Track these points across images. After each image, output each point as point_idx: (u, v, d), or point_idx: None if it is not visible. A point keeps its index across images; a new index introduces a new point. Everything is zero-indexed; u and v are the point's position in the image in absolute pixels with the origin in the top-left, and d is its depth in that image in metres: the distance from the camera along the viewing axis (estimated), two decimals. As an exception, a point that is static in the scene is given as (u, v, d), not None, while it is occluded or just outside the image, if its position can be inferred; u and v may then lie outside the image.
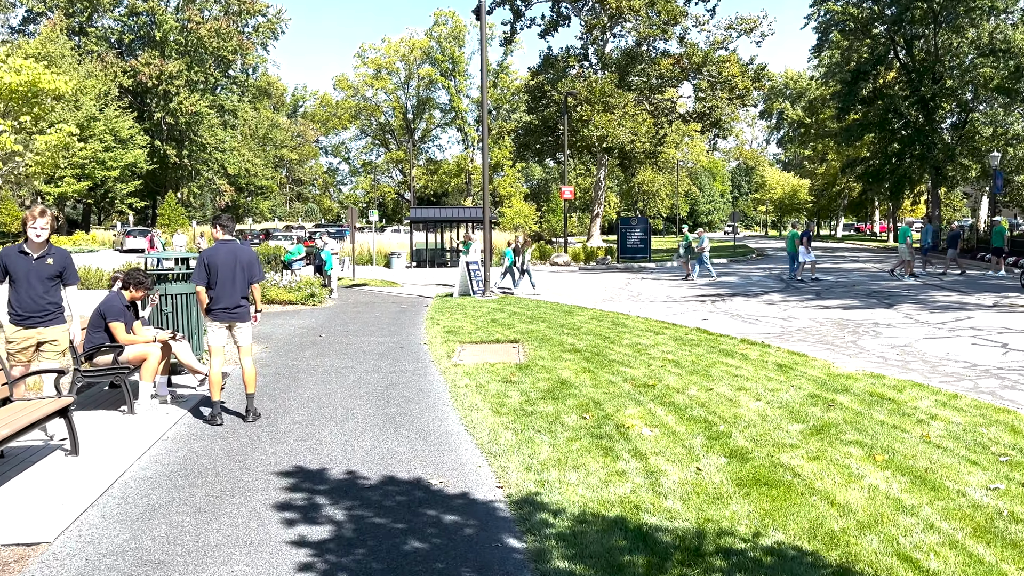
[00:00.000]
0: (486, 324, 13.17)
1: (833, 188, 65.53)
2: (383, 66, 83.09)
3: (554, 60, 52.29)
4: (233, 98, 68.63)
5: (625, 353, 9.85)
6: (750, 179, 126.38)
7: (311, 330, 12.94)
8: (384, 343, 11.38)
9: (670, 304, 16.99)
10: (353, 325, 13.63)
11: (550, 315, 14.32)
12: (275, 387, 8.25)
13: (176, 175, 64.00)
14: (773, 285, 21.09)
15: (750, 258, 36.84)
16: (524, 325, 12.85)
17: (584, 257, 34.92)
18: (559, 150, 54.00)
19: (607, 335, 11.49)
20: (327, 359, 9.96)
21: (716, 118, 53.74)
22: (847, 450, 5.49)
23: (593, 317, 13.88)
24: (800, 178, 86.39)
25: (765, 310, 15.44)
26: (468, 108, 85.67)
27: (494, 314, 14.67)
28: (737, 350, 9.99)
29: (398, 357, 10.10)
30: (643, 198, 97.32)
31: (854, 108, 42.45)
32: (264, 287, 16.79)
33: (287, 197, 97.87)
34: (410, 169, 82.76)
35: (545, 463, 5.21)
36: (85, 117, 50.45)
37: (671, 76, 52.41)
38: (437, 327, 12.93)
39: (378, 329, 13.05)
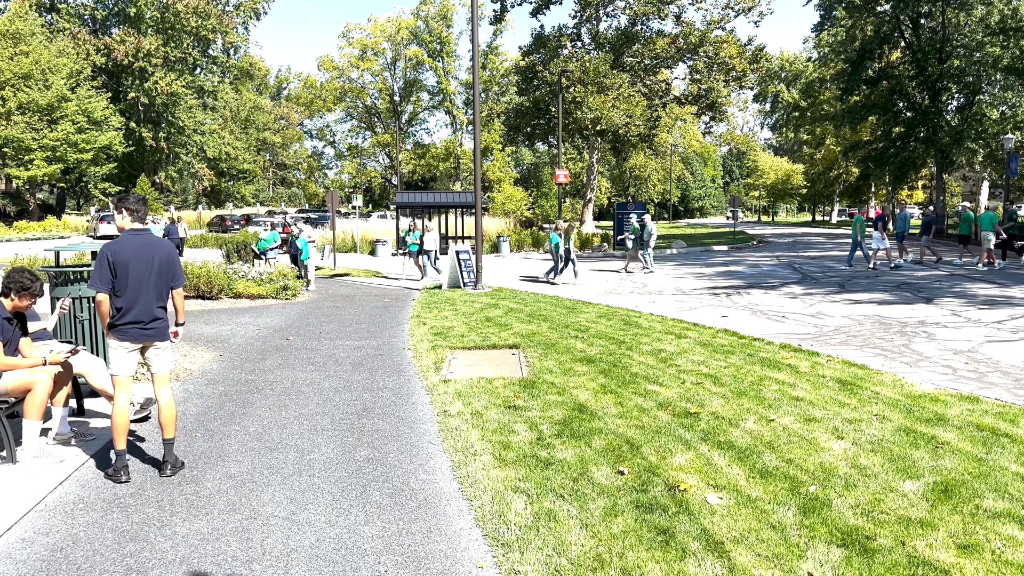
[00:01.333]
0: (480, 323, 11.50)
1: (830, 173, 64.00)
2: (369, 46, 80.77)
3: (546, 39, 50.44)
4: (213, 79, 66.25)
5: (648, 364, 8.20)
6: (741, 164, 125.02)
7: (278, 331, 11.22)
8: (361, 348, 9.69)
9: (681, 298, 15.37)
10: (328, 324, 11.92)
11: (551, 312, 12.66)
12: (216, 415, 6.54)
13: (153, 158, 61.70)
14: (789, 276, 19.51)
15: (751, 245, 35.30)
16: (523, 325, 11.18)
17: (579, 244, 33.24)
18: (551, 133, 52.21)
19: (621, 338, 9.84)
20: (290, 371, 8.26)
21: (712, 100, 52.15)
22: (1005, 529, 3.87)
23: (600, 315, 12.23)
24: (793, 163, 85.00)
25: (789, 305, 13.83)
26: (456, 90, 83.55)
27: (488, 311, 13.00)
28: (781, 359, 8.36)
29: (376, 368, 8.41)
30: (634, 183, 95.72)
31: (857, 89, 40.82)
32: (229, 279, 15.07)
33: (270, 181, 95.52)
34: (397, 153, 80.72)
35: (579, 564, 3.55)
36: (56, 97, 48.17)
37: (667, 56, 50.75)
38: (424, 327, 11.24)
39: (356, 330, 11.35)
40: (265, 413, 6.51)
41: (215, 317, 12.64)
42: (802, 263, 23.26)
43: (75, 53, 52.03)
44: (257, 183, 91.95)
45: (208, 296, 14.76)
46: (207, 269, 14.67)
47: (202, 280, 14.57)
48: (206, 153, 65.38)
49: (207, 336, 10.70)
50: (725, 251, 31.95)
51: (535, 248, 33.44)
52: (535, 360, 8.52)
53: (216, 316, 12.76)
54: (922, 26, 39.72)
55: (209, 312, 13.27)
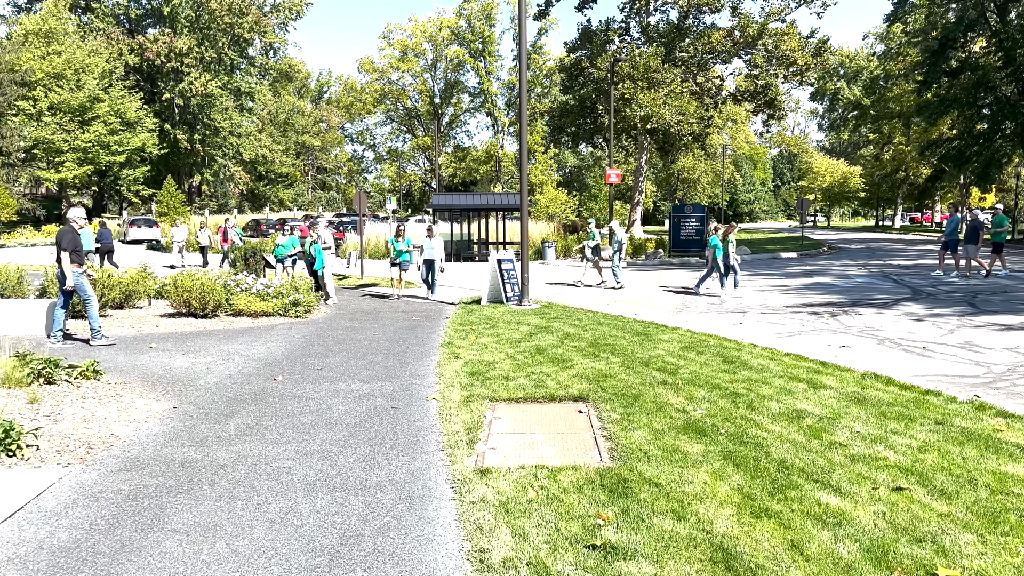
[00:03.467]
0: (529, 356, 8.77)
1: (897, 174, 59.83)
2: (410, 47, 78.81)
3: (592, 34, 47.68)
4: (251, 80, 64.78)
5: (793, 441, 5.39)
6: (793, 166, 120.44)
7: (268, 366, 8.63)
8: (369, 398, 7.04)
9: (774, 319, 12.44)
10: (335, 355, 9.31)
11: (619, 339, 9.87)
12: (93, 551, 3.92)
13: (189, 161, 60.34)
14: (894, 290, 16.40)
15: (822, 252, 31.97)
16: (587, 361, 8.42)
17: (631, 250, 30.35)
18: (596, 133, 49.38)
19: (730, 386, 7.03)
20: (256, 443, 5.63)
21: (771, 97, 48.93)
22: None
23: (685, 345, 9.40)
24: (850, 165, 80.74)
25: (921, 331, 10.82)
26: (498, 91, 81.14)
27: (538, 336, 10.26)
28: (994, 433, 5.48)
29: (382, 439, 5.74)
30: (682, 186, 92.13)
31: (938, 81, 37.16)
32: (229, 292, 12.60)
33: (309, 185, 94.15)
34: (436, 156, 78.49)
35: None
36: (88, 98, 46.85)
37: (722, 51, 47.62)
38: (456, 362, 8.55)
39: (369, 364, 8.71)
40: (176, 549, 3.85)
41: (199, 343, 10.13)
42: (898, 273, 20.06)
43: (108, 53, 50.76)
44: (297, 187, 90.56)
45: (201, 314, 12.30)
46: (200, 282, 12.21)
47: (193, 295, 12.11)
48: (242, 156, 63.89)
49: (175, 373, 8.17)
50: (795, 258, 28.77)
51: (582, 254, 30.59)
52: (615, 427, 5.76)
53: (201, 341, 10.25)
54: (1010, 12, 35.96)
55: (196, 336, 10.78)
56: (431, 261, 15.81)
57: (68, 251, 9.57)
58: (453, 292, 17.31)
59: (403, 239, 16.17)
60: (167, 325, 11.68)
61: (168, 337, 10.61)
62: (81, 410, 6.39)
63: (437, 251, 15.81)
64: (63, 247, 9.57)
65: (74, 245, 9.63)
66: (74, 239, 9.66)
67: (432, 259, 15.80)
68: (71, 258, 9.60)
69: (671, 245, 30.59)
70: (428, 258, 15.80)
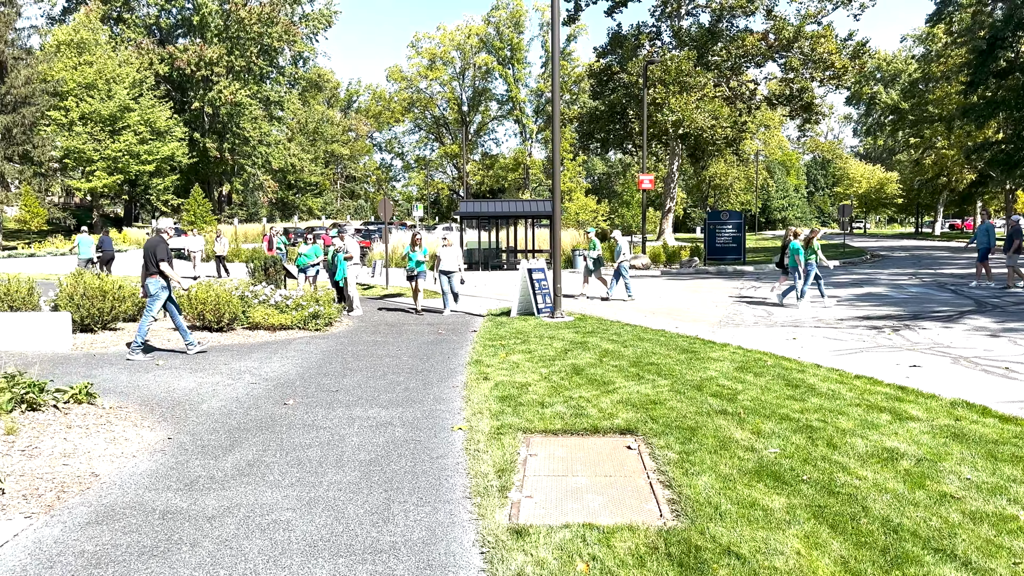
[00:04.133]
0: (566, 377, 7.91)
1: (939, 179, 57.94)
2: (438, 56, 78.52)
3: (623, 39, 46.83)
4: (280, 90, 64.80)
5: (892, 488, 4.47)
6: (827, 172, 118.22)
7: (280, 387, 7.87)
8: (387, 427, 6.23)
9: (830, 334, 11.44)
10: (354, 374, 8.53)
11: (663, 356, 8.97)
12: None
13: (218, 170, 60.42)
14: (955, 300, 15.26)
15: (865, 260, 30.68)
16: (632, 384, 7.53)
17: (665, 258, 29.34)
18: (626, 139, 48.46)
19: (801, 417, 6.11)
20: (252, 488, 4.84)
21: (807, 101, 47.69)
22: None
23: (739, 365, 8.48)
24: (887, 170, 78.83)
25: (999, 349, 9.76)
26: (526, 98, 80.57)
27: (575, 353, 9.40)
28: None
29: (399, 483, 4.91)
30: (713, 193, 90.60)
31: (985, 82, 35.69)
32: (246, 304, 11.92)
33: (338, 194, 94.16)
34: (464, 163, 77.95)
35: None
36: (118, 107, 46.96)
37: (756, 54, 46.48)
38: (485, 384, 7.72)
39: (390, 384, 7.91)
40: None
41: (209, 360, 9.41)
42: (954, 283, 18.85)
43: (138, 63, 50.94)
44: (325, 196, 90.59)
45: (216, 328, 11.62)
46: (215, 293, 11.52)
47: (208, 307, 11.42)
48: (271, 165, 63.88)
49: (177, 395, 7.43)
50: (837, 266, 27.53)
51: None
52: (674, 470, 4.87)
53: (212, 358, 9.53)
54: (1062, 9, 34.42)
55: (209, 350, 10.07)
56: (449, 272, 14.62)
57: (165, 260, 9.45)
58: (481, 303, 16.51)
59: (419, 248, 14.88)
60: (179, 340, 11.00)
61: (178, 353, 9.91)
62: (63, 442, 5.66)
63: (454, 261, 14.65)
64: (159, 258, 9.41)
65: (167, 255, 9.52)
66: (167, 249, 9.56)
67: (450, 271, 14.60)
68: (160, 268, 9.45)
69: (707, 253, 29.53)
70: (444, 269, 14.59)
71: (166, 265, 9.48)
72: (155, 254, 9.47)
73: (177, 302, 10.04)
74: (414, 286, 14.76)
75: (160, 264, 9.45)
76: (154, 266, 9.46)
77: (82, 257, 21.43)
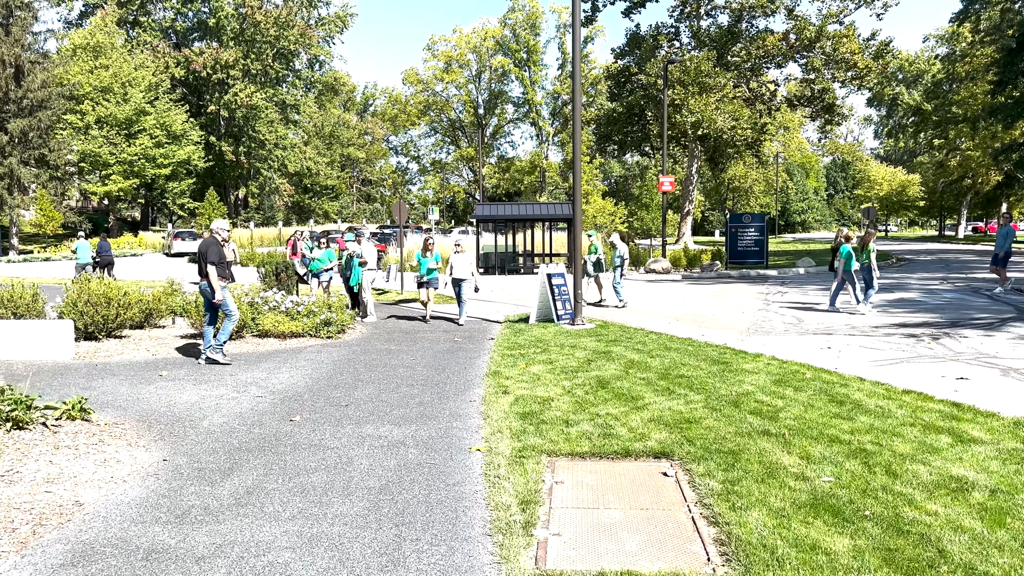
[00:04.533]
0: (591, 392, 7.41)
1: (963, 181, 56.86)
2: (454, 58, 78.27)
3: (641, 39, 46.26)
4: (296, 93, 64.73)
5: (969, 527, 3.94)
6: (847, 175, 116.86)
7: (288, 400, 7.42)
8: (400, 448, 5.75)
9: (865, 341, 10.84)
10: (365, 386, 8.06)
11: (694, 368, 8.45)
12: None
13: (234, 173, 60.37)
14: (995, 307, 14.60)
15: (891, 263, 29.91)
16: (662, 398, 7.02)
17: (686, 262, 28.74)
18: (644, 141, 47.87)
19: (850, 437, 5.58)
20: (251, 518, 4.37)
21: (828, 102, 46.94)
22: None
23: (776, 378, 7.93)
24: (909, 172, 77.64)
25: (1051, 359, 9.16)
26: (543, 101, 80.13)
27: (599, 364, 8.89)
28: None
29: (411, 516, 4.43)
30: (731, 195, 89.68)
31: (1014, 81, 34.83)
32: (256, 311, 11.51)
33: (354, 198, 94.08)
34: (480, 167, 77.60)
35: None
36: (134, 111, 46.97)
37: (776, 54, 45.79)
38: (505, 398, 7.23)
39: (403, 398, 7.43)
40: None
41: (215, 370, 8.98)
42: (988, 287, 18.15)
43: (154, 66, 50.95)
44: (342, 199, 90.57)
45: (224, 335, 11.19)
46: (222, 299, 11.09)
47: (215, 314, 11.00)
48: (287, 168, 63.79)
49: (178, 410, 7.00)
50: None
51: (634, 267, 29.11)
52: (719, 503, 4.35)
53: (219, 369, 9.11)
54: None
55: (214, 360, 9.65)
56: (461, 280, 13.66)
57: (215, 264, 9.11)
58: (498, 308, 16.02)
59: (431, 253, 14.05)
60: (184, 348, 10.60)
61: (182, 363, 9.50)
62: (48, 466, 5.23)
63: (467, 268, 13.72)
64: (209, 260, 9.11)
65: (219, 257, 9.19)
66: (219, 251, 9.24)
67: (462, 278, 13.66)
68: (217, 271, 9.12)
69: (728, 257, 28.89)
70: (457, 277, 13.68)
71: (213, 269, 9.11)
72: (206, 256, 9.16)
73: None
74: (425, 294, 13.90)
75: (208, 267, 9.11)
76: (211, 267, 9.15)
77: (80, 262, 21.16)
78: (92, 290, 10.93)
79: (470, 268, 13.75)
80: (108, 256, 21.13)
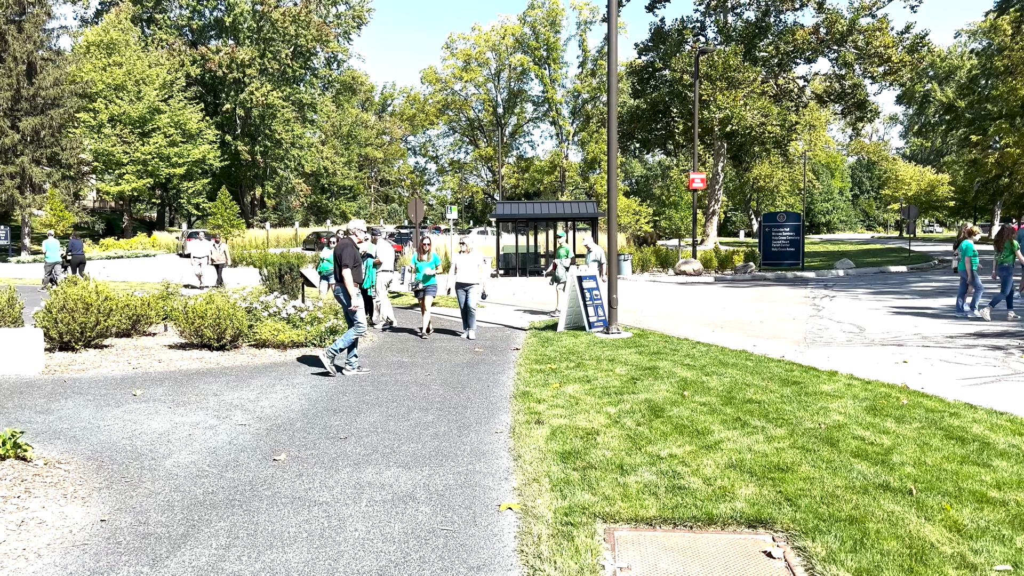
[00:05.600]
0: (643, 419, 6.06)
1: (1000, 180, 54.69)
2: (473, 57, 77.04)
3: (666, 34, 44.83)
4: (313, 92, 63.76)
5: None
6: (872, 175, 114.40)
7: (273, 431, 6.13)
8: (407, 503, 4.44)
9: (944, 354, 9.40)
10: (368, 412, 6.76)
11: (761, 389, 7.07)
12: None
13: (250, 173, 59.48)
14: (1074, 314, 13.09)
15: (934, 265, 28.24)
16: (734, 432, 5.65)
17: (717, 264, 27.26)
18: (668, 139, 46.34)
19: (998, 494, 4.21)
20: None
21: (860, 98, 45.24)
22: None
23: (867, 405, 6.53)
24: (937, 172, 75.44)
25: None
26: (563, 99, 78.70)
27: (644, 381, 7.54)
28: None
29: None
30: (756, 195, 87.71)
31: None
32: (255, 317, 10.28)
33: (372, 198, 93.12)
34: (499, 166, 76.41)
35: None
36: (148, 109, 46.13)
37: (807, 49, 44.16)
38: (538, 431, 5.89)
39: (412, 431, 6.12)
40: None
41: (198, 389, 7.73)
42: (1058, 293, 16.59)
43: (169, 64, 50.12)
44: (360, 200, 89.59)
45: (217, 346, 9.95)
46: (215, 306, 9.86)
47: (207, 322, 9.77)
48: (304, 168, 62.83)
49: (140, 444, 5.73)
50: (906, 272, 25.27)
51: (662, 268, 27.70)
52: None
53: (203, 386, 7.85)
54: None
55: (200, 376, 8.40)
56: (467, 285, 11.56)
57: (350, 267, 8.40)
58: (521, 313, 14.69)
59: (429, 256, 12.10)
60: (172, 360, 9.36)
61: (164, 378, 8.26)
62: (-58, 531, 3.96)
63: (473, 271, 11.58)
64: (344, 263, 8.39)
65: (355, 260, 8.51)
66: (355, 254, 8.58)
67: (468, 283, 11.51)
68: (352, 275, 8.44)
69: (762, 258, 27.39)
70: (462, 281, 11.57)
71: (347, 272, 8.35)
72: (340, 259, 8.42)
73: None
74: (421, 303, 11.98)
75: (343, 270, 8.36)
76: (346, 271, 8.42)
77: (49, 261, 20.07)
78: (71, 295, 9.73)
79: (478, 271, 11.70)
80: (79, 255, 20.03)
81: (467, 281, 11.56)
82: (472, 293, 11.59)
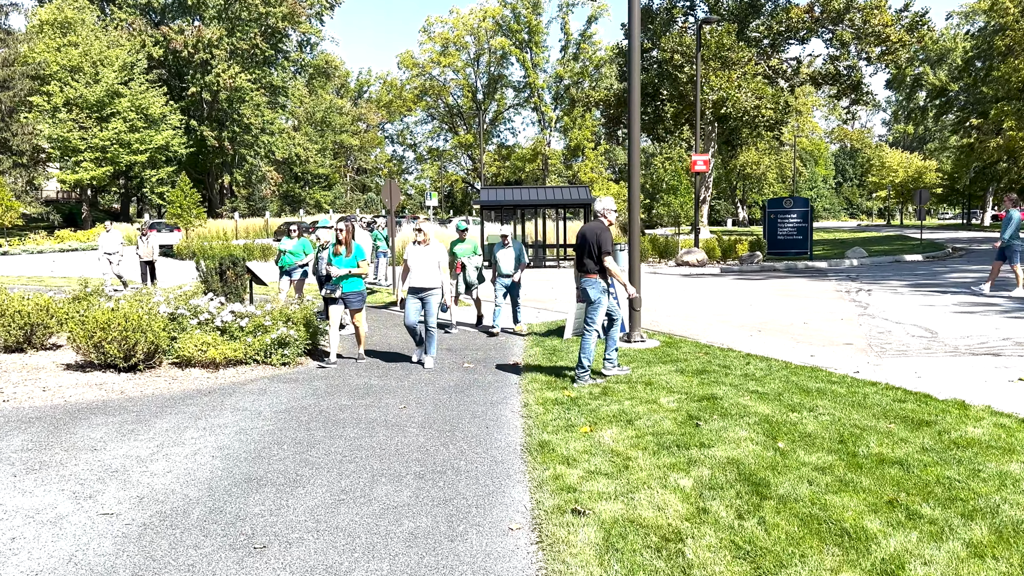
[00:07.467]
0: (744, 505, 3.81)
1: (998, 165, 53.09)
2: (451, 41, 74.41)
3: (654, 14, 42.69)
4: (285, 76, 60.79)
5: None
6: (855, 162, 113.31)
7: (156, 526, 3.81)
8: None
9: (1001, 361, 7.26)
10: (306, 489, 4.46)
11: (884, 436, 4.85)
12: None
13: (217, 160, 56.51)
14: None
15: (950, 255, 26.34)
16: (902, 534, 3.42)
17: (720, 253, 25.12)
18: (658, 123, 44.22)
19: None
20: None
21: (855, 80, 43.42)
22: None
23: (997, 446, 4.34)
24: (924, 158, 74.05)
25: None
26: (545, 84, 76.28)
27: (714, 425, 5.30)
28: None
29: None
30: (742, 183, 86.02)
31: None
32: (180, 325, 7.93)
33: (348, 187, 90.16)
34: (480, 154, 73.81)
35: None
36: (106, 92, 43.15)
37: (801, 28, 42.24)
38: (581, 533, 3.62)
39: (372, 529, 3.83)
40: None
41: (72, 439, 5.38)
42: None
43: (129, 44, 47.07)
44: (335, 189, 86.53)
45: (125, 367, 7.58)
46: (122, 313, 7.48)
47: (110, 334, 7.39)
48: (275, 155, 59.94)
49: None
50: (922, 262, 23.29)
51: (660, 259, 25.57)
52: None
53: (79, 434, 5.50)
54: None
55: (86, 415, 6.05)
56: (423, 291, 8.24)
57: (611, 253, 6.83)
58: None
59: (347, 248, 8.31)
60: (61, 387, 7.00)
61: (36, 418, 5.91)
62: None
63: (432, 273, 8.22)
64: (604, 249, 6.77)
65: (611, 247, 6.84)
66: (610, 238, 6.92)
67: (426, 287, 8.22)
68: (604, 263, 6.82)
69: (768, 246, 25.30)
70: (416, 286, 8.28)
71: (611, 261, 6.77)
72: (599, 245, 6.77)
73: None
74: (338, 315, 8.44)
75: (604, 259, 6.75)
76: (595, 262, 6.78)
77: None
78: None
79: (438, 274, 8.26)
80: None
81: (424, 285, 8.19)
82: (430, 302, 8.20)
